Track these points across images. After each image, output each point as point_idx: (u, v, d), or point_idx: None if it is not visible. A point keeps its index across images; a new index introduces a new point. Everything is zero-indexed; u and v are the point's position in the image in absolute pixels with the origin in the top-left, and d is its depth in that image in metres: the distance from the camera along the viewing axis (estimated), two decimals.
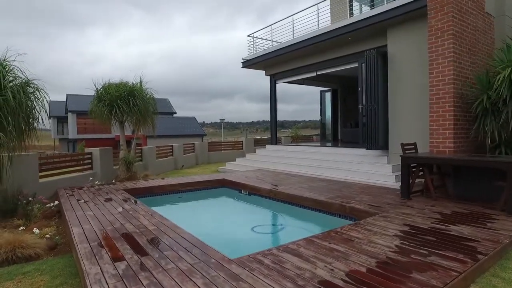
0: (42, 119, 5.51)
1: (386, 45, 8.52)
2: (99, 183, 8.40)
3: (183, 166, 15.56)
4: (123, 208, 5.50)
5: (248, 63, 12.84)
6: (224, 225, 6.09)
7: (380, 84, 8.54)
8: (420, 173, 6.33)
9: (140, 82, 9.76)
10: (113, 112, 8.95)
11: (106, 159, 9.67)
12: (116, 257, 3.28)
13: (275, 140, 13.32)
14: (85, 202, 6.02)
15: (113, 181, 8.81)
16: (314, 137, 25.96)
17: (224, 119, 27.34)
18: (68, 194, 6.78)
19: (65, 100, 37.58)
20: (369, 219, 4.71)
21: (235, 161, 13.39)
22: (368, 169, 8.52)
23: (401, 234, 3.98)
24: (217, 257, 3.25)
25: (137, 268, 3.01)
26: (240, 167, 12.16)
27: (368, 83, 8.73)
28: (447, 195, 6.22)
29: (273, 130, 13.27)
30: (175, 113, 43.16)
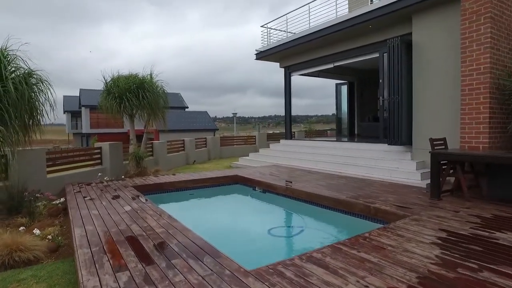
0: (46, 112, 5.18)
1: (410, 33, 7.91)
2: (108, 178, 8.13)
3: (194, 161, 15.27)
4: (130, 206, 5.16)
5: (262, 55, 12.35)
6: (238, 227, 5.70)
7: (404, 75, 7.96)
8: (451, 171, 5.79)
9: (151, 74, 9.42)
10: (122, 106, 8.63)
11: (116, 154, 9.40)
12: (118, 266, 2.92)
13: (289, 135, 12.84)
14: (91, 199, 5.72)
15: (123, 176, 8.53)
16: (328, 131, 25.37)
17: (236, 113, 26.92)
18: (75, 191, 6.51)
19: (78, 95, 37.85)
20: (399, 222, 4.23)
21: (248, 156, 12.99)
22: (390, 165, 7.99)
23: (440, 241, 3.50)
24: (232, 268, 2.85)
25: (141, 280, 2.64)
26: (254, 163, 11.76)
27: (391, 74, 8.15)
28: (481, 196, 5.67)
29: (288, 125, 12.80)
30: (187, 107, 43.04)
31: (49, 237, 4.21)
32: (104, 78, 8.97)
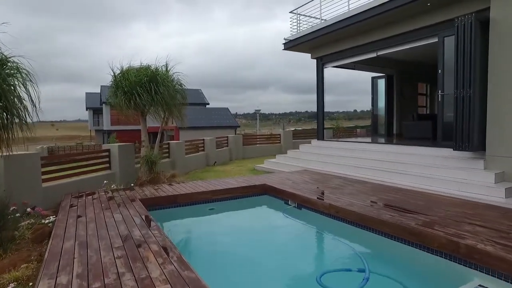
0: (26, 108, 4.02)
1: (487, 8, 6.25)
2: (115, 187, 6.98)
3: (215, 162, 14.06)
4: (131, 235, 3.91)
5: (291, 44, 10.89)
6: (272, 265, 4.30)
7: (477, 64, 6.32)
8: None
9: (166, 66, 8.19)
10: (132, 102, 7.45)
11: (127, 157, 8.27)
12: None
13: (322, 135, 11.34)
14: (85, 221, 4.53)
15: (132, 185, 7.37)
16: (358, 130, 23.57)
17: (260, 110, 25.53)
18: (71, 206, 5.35)
19: (99, 91, 37.66)
20: None
21: (275, 158, 11.63)
22: (456, 176, 6.41)
23: None
24: None
25: None
26: (281, 166, 10.38)
27: (459, 63, 6.52)
28: None
29: (320, 123, 11.30)
30: (208, 103, 42.10)
31: (12, 286, 3.01)
32: (112, 69, 7.82)
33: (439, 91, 7.41)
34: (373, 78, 13.85)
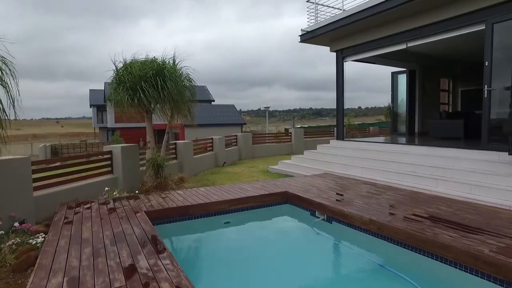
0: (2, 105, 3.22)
1: None
2: (117, 194, 6.18)
3: (225, 163, 13.26)
4: (135, 265, 3.10)
5: (309, 36, 9.98)
6: None
7: None
8: None
9: (173, 59, 7.34)
10: (136, 98, 6.63)
11: (131, 159, 7.47)
12: None
13: (342, 134, 10.45)
14: (79, 244, 3.71)
15: (136, 192, 6.55)
16: (370, 128, 22.66)
17: (269, 107, 24.61)
18: (65, 220, 4.55)
19: (103, 88, 36.97)
20: None
21: (290, 159, 10.77)
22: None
23: None
24: None
25: None
26: (298, 169, 9.53)
27: None
28: None
29: (340, 122, 10.42)
30: (213, 100, 41.30)
31: None
32: (114, 63, 6.98)
33: (485, 86, 6.52)
34: (393, 73, 12.92)
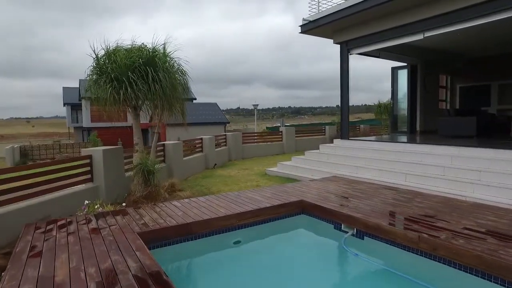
0: None
1: None
2: (100, 208, 5.08)
3: (215, 165, 12.25)
4: None
5: (312, 26, 9.11)
6: None
7: None
8: None
9: (164, 46, 6.25)
10: (122, 93, 5.51)
11: (114, 164, 6.37)
12: None
13: (346, 133, 9.66)
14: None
15: (123, 204, 5.46)
16: (361, 126, 22.18)
17: (257, 105, 23.65)
18: (30, 253, 3.44)
19: (78, 86, 34.85)
20: None
21: (290, 160, 9.90)
22: None
23: None
24: None
25: None
26: (302, 172, 8.67)
27: None
28: None
29: (345, 120, 9.62)
30: (195, 98, 39.95)
31: None
32: (94, 50, 5.81)
33: None
34: (393, 68, 12.30)
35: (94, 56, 5.79)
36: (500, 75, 12.21)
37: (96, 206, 5.05)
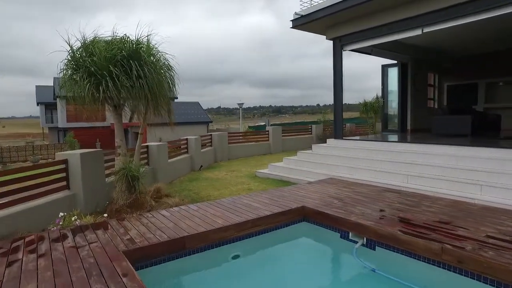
0: None
1: None
2: (77, 221, 4.45)
3: (201, 166, 11.67)
4: None
5: (304, 21, 8.70)
6: None
7: None
8: None
9: (148, 38, 5.63)
10: (101, 89, 4.88)
11: (94, 169, 5.73)
12: None
13: (340, 132, 9.32)
14: None
15: (105, 215, 4.84)
16: (347, 125, 22.05)
17: (243, 104, 23.08)
18: None
19: (52, 84, 33.20)
20: None
21: (282, 162, 9.48)
22: None
23: None
24: None
25: None
26: (296, 174, 8.25)
27: None
28: None
29: (339, 118, 9.28)
30: (177, 97, 38.93)
31: None
32: (68, 42, 5.13)
33: None
34: (383, 66, 12.11)
35: (69, 48, 5.12)
36: (487, 74, 12.26)
37: (73, 218, 4.43)
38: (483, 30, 8.80)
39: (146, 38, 5.51)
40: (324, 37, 9.33)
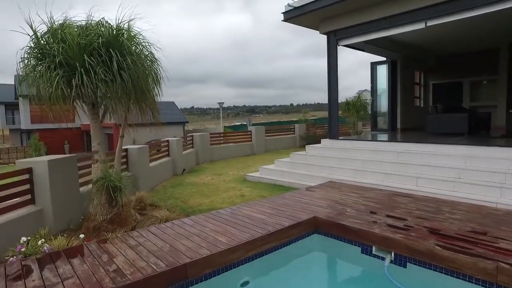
0: None
1: None
2: (45, 245, 3.59)
3: (184, 170, 10.86)
4: None
5: (297, 13, 8.11)
6: None
7: None
8: None
9: (129, 24, 4.78)
10: (74, 84, 4.01)
11: (65, 178, 4.83)
12: None
13: (336, 132, 8.80)
14: None
15: (82, 235, 3.99)
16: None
17: (223, 103, 22.24)
18: None
19: (14, 82, 30.77)
20: None
21: (274, 164, 8.86)
22: None
23: None
24: None
25: None
26: (291, 177, 7.66)
27: None
28: None
29: (334, 117, 8.77)
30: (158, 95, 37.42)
31: None
32: (31, 25, 4.20)
33: None
34: (372, 64, 11.78)
35: (32, 33, 4.20)
36: (471, 72, 12.28)
37: (39, 242, 3.57)
38: (474, 28, 8.65)
39: (128, 24, 4.67)
40: (306, 34, 8.82)
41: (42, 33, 4.24)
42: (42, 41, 4.23)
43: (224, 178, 9.45)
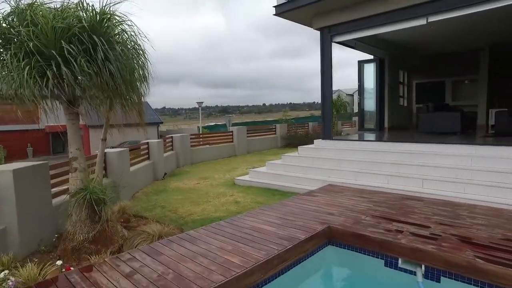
0: None
1: None
2: (10, 278, 2.87)
3: (165, 174, 10.13)
4: None
5: (289, 7, 7.66)
6: None
7: None
8: None
9: (109, 11, 4.09)
10: (49, 74, 3.30)
11: (35, 191, 4.07)
12: None
13: (329, 132, 8.43)
14: None
15: (58, 261, 3.28)
16: (310, 124, 21.65)
17: (202, 102, 21.43)
18: None
19: None
20: None
21: (265, 166, 8.36)
22: None
23: None
24: None
25: None
26: (285, 180, 7.20)
27: None
28: None
29: (328, 117, 8.39)
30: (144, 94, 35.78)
31: None
32: None
33: None
34: (360, 62, 11.58)
35: None
36: (454, 72, 12.42)
37: (2, 275, 2.85)
38: (454, 29, 8.64)
39: (112, 7, 3.97)
40: (278, 36, 8.43)
41: (5, 14, 3.48)
42: (4, 24, 3.47)
43: (211, 182, 8.84)
